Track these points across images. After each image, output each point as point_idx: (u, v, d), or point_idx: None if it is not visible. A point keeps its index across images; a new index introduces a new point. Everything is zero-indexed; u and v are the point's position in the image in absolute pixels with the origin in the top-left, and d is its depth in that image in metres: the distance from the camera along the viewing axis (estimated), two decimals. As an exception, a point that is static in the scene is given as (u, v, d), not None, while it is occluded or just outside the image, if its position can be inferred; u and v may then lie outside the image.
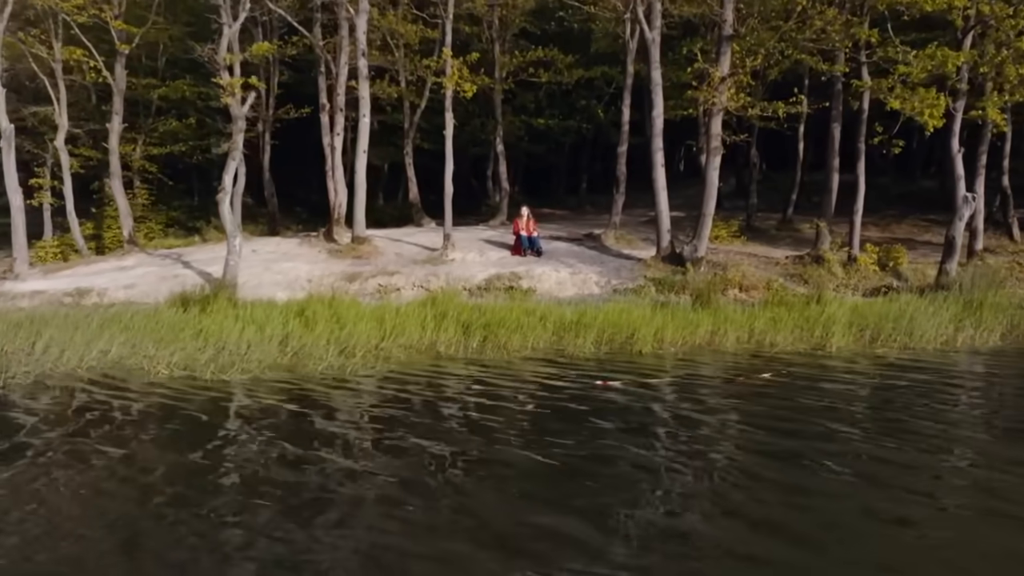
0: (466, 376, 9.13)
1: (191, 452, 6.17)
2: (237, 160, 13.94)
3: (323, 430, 6.82)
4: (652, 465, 5.90)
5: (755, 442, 6.44)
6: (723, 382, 8.65)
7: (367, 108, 16.70)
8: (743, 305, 14.13)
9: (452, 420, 7.26)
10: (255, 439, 6.57)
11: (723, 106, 15.22)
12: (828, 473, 5.69)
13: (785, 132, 26.52)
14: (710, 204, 15.68)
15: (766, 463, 5.91)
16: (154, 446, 6.44)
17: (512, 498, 5.28)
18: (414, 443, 6.44)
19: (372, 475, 5.69)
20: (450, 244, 16.65)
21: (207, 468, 5.87)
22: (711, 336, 11.21)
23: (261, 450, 6.24)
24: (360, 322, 11.35)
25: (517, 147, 29.63)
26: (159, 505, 5.17)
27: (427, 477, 5.64)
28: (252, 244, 19.00)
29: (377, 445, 6.45)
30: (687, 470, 5.75)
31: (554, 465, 5.86)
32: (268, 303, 13.17)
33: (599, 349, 10.53)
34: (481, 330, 11.19)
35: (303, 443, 6.40)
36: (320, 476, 5.66)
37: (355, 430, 6.84)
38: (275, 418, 7.26)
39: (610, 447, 6.29)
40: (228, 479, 5.64)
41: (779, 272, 16.40)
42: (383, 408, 7.69)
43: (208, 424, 6.98)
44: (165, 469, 5.85)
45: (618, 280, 15.44)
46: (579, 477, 5.59)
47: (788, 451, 6.20)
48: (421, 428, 6.91)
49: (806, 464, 5.90)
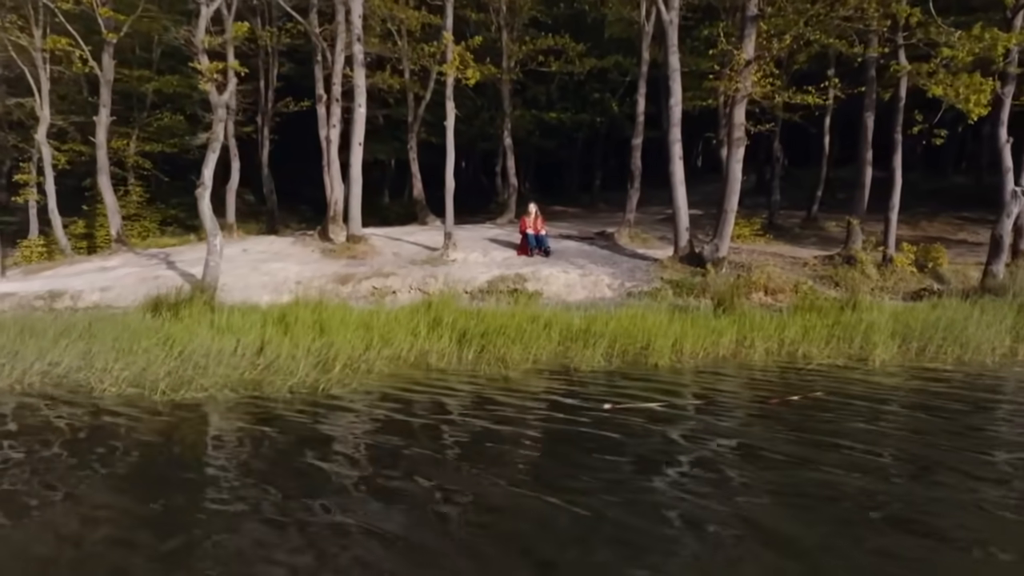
0: (457, 394, 7.96)
1: (95, 504, 5.05)
2: (217, 152, 12.88)
3: (270, 470, 5.67)
4: (686, 514, 4.72)
5: (803, 485, 5.23)
6: (754, 404, 7.43)
7: (363, 98, 15.60)
8: (769, 310, 12.88)
9: (435, 453, 6.10)
10: (189, 483, 5.44)
11: (747, 93, 13.96)
12: (909, 535, 4.49)
13: (809, 126, 25.27)
14: (733, 200, 14.43)
15: (819, 516, 4.72)
16: (59, 492, 5.33)
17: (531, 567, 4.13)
18: (387, 486, 5.29)
19: (319, 533, 4.55)
20: (451, 243, 15.51)
21: (98, 533, 4.74)
22: (736, 347, 9.97)
23: (192, 500, 5.11)
24: (345, 329, 10.23)
25: (527, 142, 28.48)
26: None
27: (405, 535, 4.48)
28: (244, 243, 17.99)
29: (335, 488, 5.30)
30: (727, 526, 4.56)
31: (573, 514, 4.70)
32: (250, 307, 12.10)
33: (610, 362, 9.33)
34: (478, 339, 10.03)
35: (239, 491, 5.27)
36: (255, 530, 4.54)
37: (309, 470, 5.68)
38: (218, 452, 6.12)
39: (630, 491, 5.12)
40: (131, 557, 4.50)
41: (807, 274, 15.12)
42: (350, 438, 6.54)
43: (132, 462, 5.84)
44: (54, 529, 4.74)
45: (632, 282, 14.23)
46: (604, 534, 4.43)
47: (848, 496, 4.99)
48: (398, 465, 5.75)
49: (875, 519, 4.69)
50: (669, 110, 15.22)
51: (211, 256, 12.69)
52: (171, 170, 27.23)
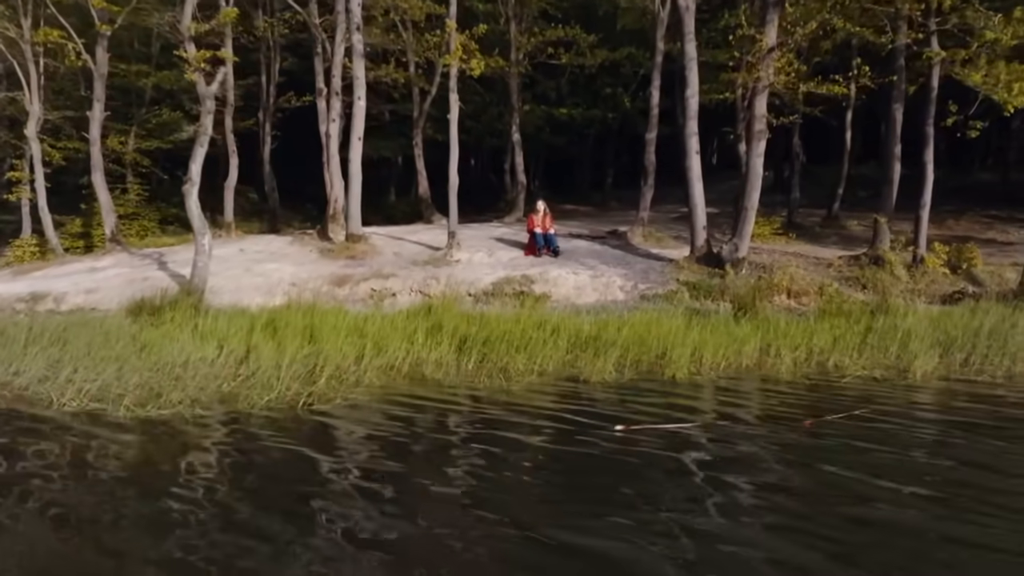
0: (451, 412, 7.19)
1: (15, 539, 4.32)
2: (205, 146, 12.16)
3: (225, 511, 4.91)
4: (712, 563, 3.93)
5: (850, 529, 4.42)
6: (785, 424, 6.60)
7: (363, 90, 14.85)
8: (793, 315, 12.04)
9: (419, 487, 5.33)
10: (121, 523, 4.69)
11: (769, 83, 13.10)
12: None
13: (829, 121, 24.35)
14: (753, 196, 13.57)
15: (870, 566, 3.92)
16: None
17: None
18: (361, 533, 4.52)
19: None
20: (455, 243, 14.74)
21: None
22: (760, 356, 9.14)
23: (132, 538, 4.37)
24: (336, 336, 9.49)
25: (537, 138, 27.67)
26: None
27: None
28: (242, 243, 17.31)
29: (303, 532, 4.54)
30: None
31: (574, 564, 3.93)
32: (240, 311, 11.39)
33: (622, 373, 8.52)
34: (479, 347, 9.26)
35: (183, 539, 4.51)
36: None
37: (269, 511, 4.92)
38: (165, 483, 5.34)
39: (645, 534, 4.33)
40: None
41: (832, 275, 14.24)
42: (324, 466, 5.76)
43: (62, 494, 5.10)
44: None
45: (646, 284, 13.41)
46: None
47: (900, 547, 4.19)
48: (375, 502, 4.99)
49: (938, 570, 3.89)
50: (685, 102, 14.38)
51: (199, 256, 11.98)
52: (172, 167, 26.65)
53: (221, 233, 18.77)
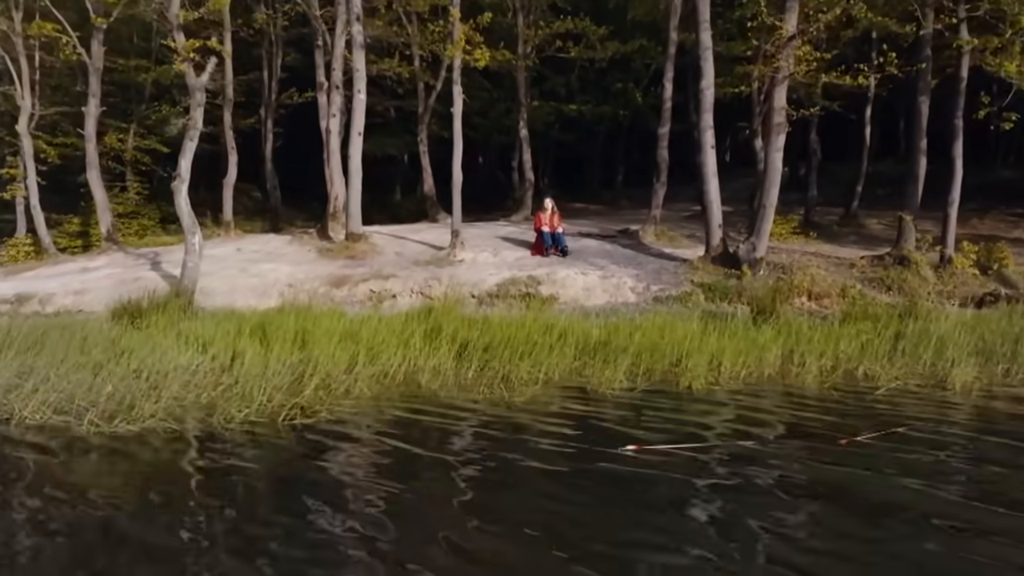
0: (446, 427, 6.57)
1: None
2: (195, 141, 11.64)
3: (171, 546, 4.31)
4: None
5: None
6: (817, 444, 5.94)
7: (363, 83, 14.26)
8: (815, 318, 11.38)
9: (403, 517, 4.72)
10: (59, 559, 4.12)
11: (789, 73, 12.41)
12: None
13: (848, 116, 23.57)
14: (772, 193, 12.89)
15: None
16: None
17: None
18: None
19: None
20: (459, 242, 14.13)
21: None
22: (783, 365, 8.48)
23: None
24: (329, 341, 8.89)
25: (546, 135, 27.02)
26: None
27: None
28: (240, 242, 16.78)
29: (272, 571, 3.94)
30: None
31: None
32: (231, 313, 10.84)
33: (634, 383, 7.87)
34: (480, 353, 8.65)
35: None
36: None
37: (230, 548, 4.32)
38: (115, 507, 4.78)
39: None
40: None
41: (855, 276, 13.54)
42: (298, 491, 5.16)
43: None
44: None
45: (659, 285, 12.75)
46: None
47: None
48: (353, 535, 4.38)
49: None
50: (700, 94, 13.69)
51: (189, 257, 11.43)
52: (174, 165, 26.15)
53: (220, 232, 18.27)
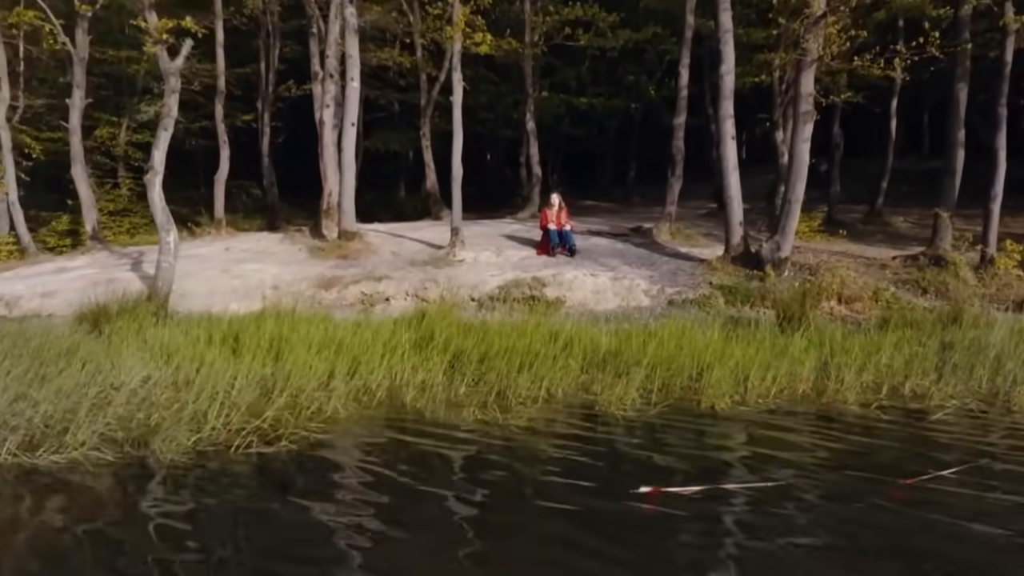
0: (426, 460, 5.59)
1: None
2: (170, 130, 10.76)
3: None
4: None
5: None
6: (869, 487, 4.93)
7: (357, 70, 13.31)
8: (846, 324, 10.37)
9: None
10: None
11: (818, 56, 11.36)
12: None
13: (872, 108, 22.50)
14: (799, 187, 11.85)
15: None
16: None
17: None
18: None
19: None
20: (459, 241, 13.16)
21: None
22: (818, 380, 7.45)
23: None
24: (308, 351, 7.96)
25: (555, 129, 26.00)
26: None
27: None
28: (229, 241, 15.89)
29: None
30: None
31: None
32: (207, 318, 9.93)
33: (649, 401, 6.87)
34: (475, 365, 7.69)
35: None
36: None
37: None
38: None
39: None
40: None
41: (887, 277, 12.47)
42: (242, 544, 4.21)
43: None
44: None
45: (674, 288, 11.74)
46: None
47: None
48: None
49: None
50: (719, 80, 12.66)
51: (163, 256, 10.53)
52: (171, 161, 25.34)
53: (211, 230, 17.40)
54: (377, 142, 24.81)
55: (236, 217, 23.71)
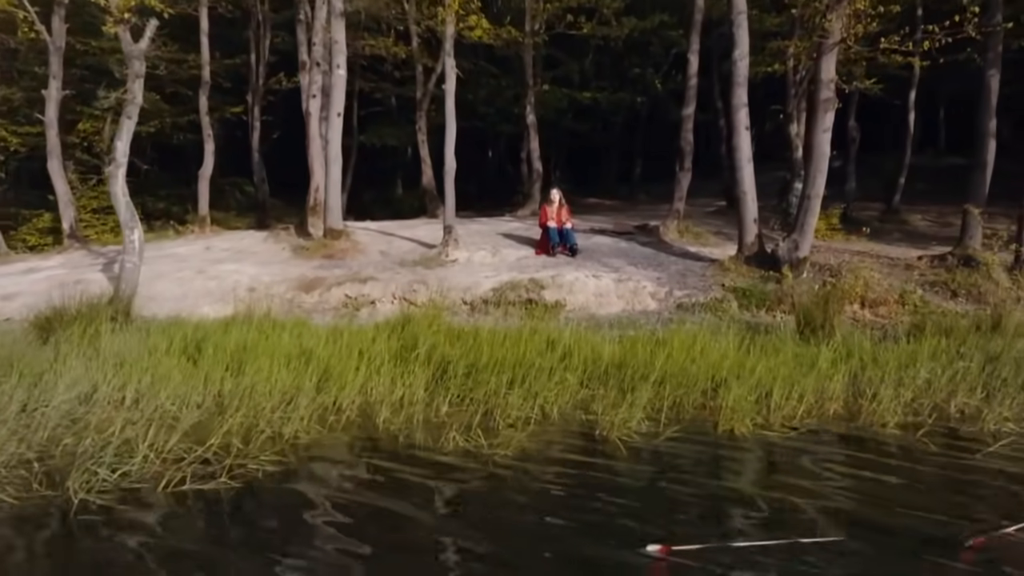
0: (387, 508, 4.66)
1: None
2: (134, 119, 9.90)
3: None
4: None
5: None
6: (931, 543, 4.03)
7: (343, 57, 12.43)
8: (872, 331, 9.49)
9: None
10: None
11: (841, 38, 10.45)
12: None
13: (889, 101, 21.51)
14: (819, 182, 10.93)
15: None
16: None
17: None
18: None
19: None
20: (452, 239, 12.29)
21: None
22: (850, 397, 6.56)
23: None
24: (274, 362, 7.10)
25: (558, 125, 25.09)
26: None
27: None
28: (211, 239, 15.06)
29: None
30: None
31: None
32: (173, 324, 9.08)
33: (657, 423, 5.97)
34: (461, 379, 6.83)
35: None
36: None
37: None
38: None
39: None
40: None
41: (914, 279, 11.55)
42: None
43: None
44: None
45: (683, 290, 10.85)
46: None
47: None
48: None
49: None
50: (733, 66, 11.74)
51: (127, 256, 9.69)
52: (162, 157, 24.57)
53: (194, 229, 16.56)
54: (373, 137, 23.95)
55: (229, 215, 22.90)
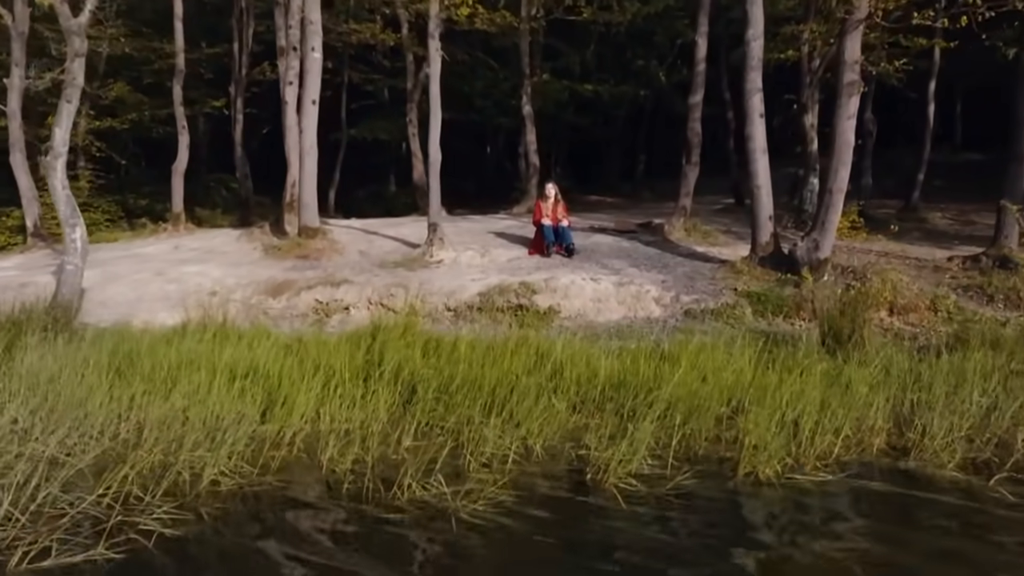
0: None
1: None
2: (74, 103, 8.91)
3: None
4: None
5: None
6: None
7: (318, 39, 11.38)
8: (904, 341, 8.44)
9: None
10: None
11: (868, 14, 9.36)
12: None
13: (907, 93, 20.45)
14: (842, 174, 9.84)
15: None
16: None
17: None
18: None
19: None
20: (437, 238, 11.22)
21: None
22: (893, 428, 5.48)
23: None
24: (215, 380, 6.05)
25: (559, 118, 24.02)
26: None
27: None
28: (182, 238, 14.05)
29: None
30: None
31: None
32: (117, 333, 8.04)
33: (664, 464, 4.89)
34: (431, 403, 5.77)
35: None
36: None
37: None
38: None
39: None
40: None
41: (945, 282, 10.45)
42: None
43: None
44: None
45: (692, 295, 9.76)
46: None
47: None
48: None
49: None
50: (745, 47, 10.65)
51: (68, 258, 8.64)
52: (144, 152, 23.61)
53: (167, 227, 15.52)
54: (364, 131, 22.90)
55: (215, 213, 21.91)
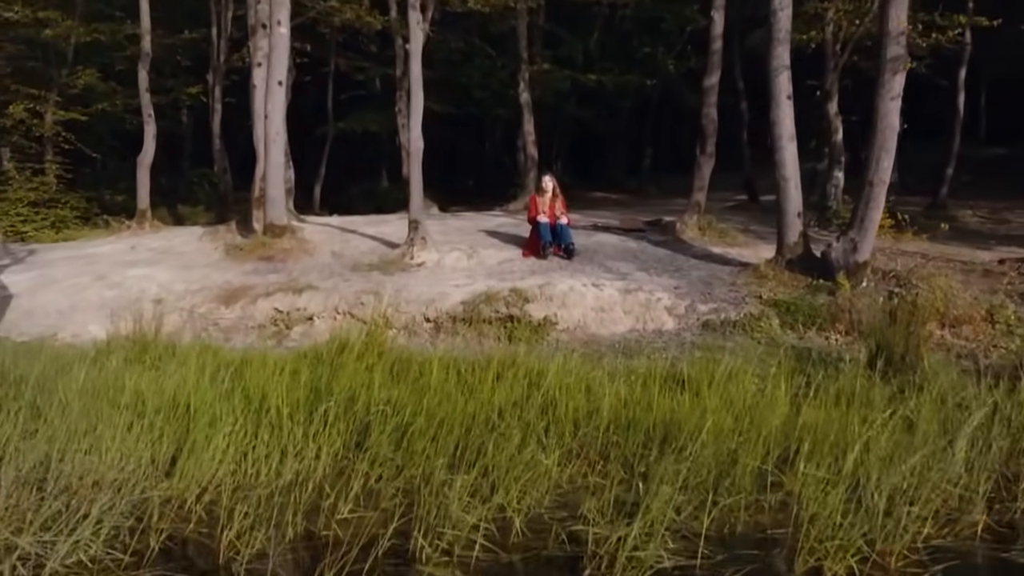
0: None
1: None
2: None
3: None
4: None
5: None
6: None
7: (285, 12, 10.04)
8: (960, 360, 7.17)
9: None
10: None
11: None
12: None
13: (936, 81, 19.07)
14: (885, 163, 8.47)
15: None
16: None
17: None
18: None
19: None
20: (419, 238, 9.88)
21: None
22: (991, 491, 4.15)
23: None
24: (117, 418, 4.77)
25: (560, 110, 22.70)
26: None
27: None
28: (142, 237, 12.81)
29: None
30: None
31: None
32: (27, 351, 6.77)
33: (691, 546, 3.56)
34: (386, 448, 4.47)
35: None
36: None
37: None
38: None
39: None
40: None
41: (1001, 289, 9.09)
42: None
43: None
44: None
45: (709, 304, 8.42)
46: None
47: None
48: None
49: None
50: (772, 16, 9.25)
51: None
52: (121, 145, 22.35)
53: (131, 224, 14.22)
54: (353, 123, 21.60)
55: (197, 210, 20.69)
